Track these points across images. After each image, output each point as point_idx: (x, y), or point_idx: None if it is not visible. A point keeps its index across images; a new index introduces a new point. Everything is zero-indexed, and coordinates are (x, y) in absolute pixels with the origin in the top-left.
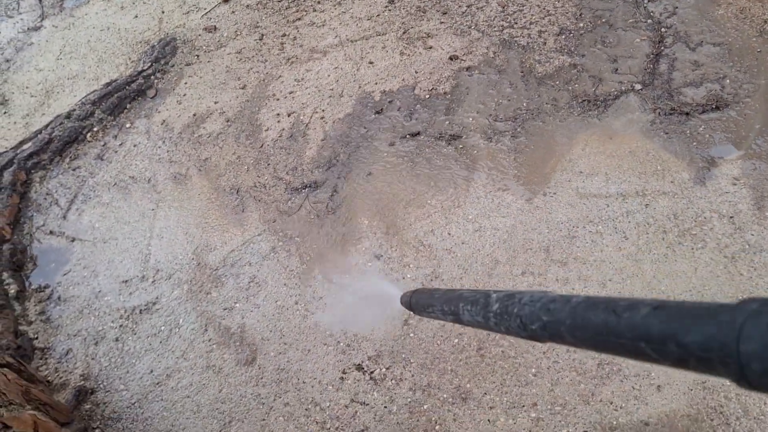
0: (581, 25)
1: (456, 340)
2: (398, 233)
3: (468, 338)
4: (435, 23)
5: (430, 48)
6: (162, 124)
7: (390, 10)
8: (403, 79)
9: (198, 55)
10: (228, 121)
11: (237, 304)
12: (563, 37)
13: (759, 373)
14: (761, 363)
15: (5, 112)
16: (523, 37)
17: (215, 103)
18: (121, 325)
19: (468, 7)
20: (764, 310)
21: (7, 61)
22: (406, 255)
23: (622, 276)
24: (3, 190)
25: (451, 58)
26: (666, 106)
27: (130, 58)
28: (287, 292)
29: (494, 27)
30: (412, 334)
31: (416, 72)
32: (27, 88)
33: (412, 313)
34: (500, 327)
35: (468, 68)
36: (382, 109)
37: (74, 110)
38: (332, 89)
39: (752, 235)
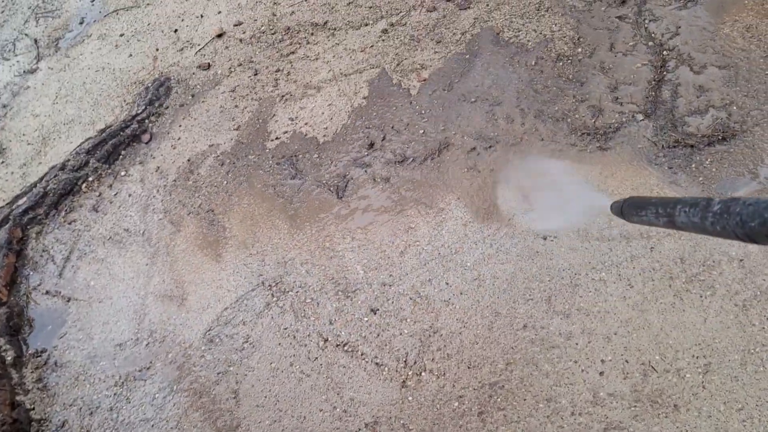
0: (579, 50)
1: (456, 404)
2: (393, 284)
3: (469, 401)
4: (429, 53)
5: (425, 80)
6: (157, 171)
7: (384, 41)
8: None
9: (193, 95)
10: (222, 165)
11: (231, 368)
12: (561, 64)
13: None
14: None
15: (3, 162)
16: (520, 65)
17: (210, 146)
18: (115, 393)
19: (462, 34)
20: None
21: (4, 106)
22: (403, 308)
23: (628, 329)
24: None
25: (444, 89)
26: (669, 137)
27: (125, 100)
28: (282, 352)
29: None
30: (410, 398)
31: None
32: (24, 135)
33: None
34: (716, 227)
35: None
36: (373, 144)
37: (68, 161)
38: (326, 128)
39: (764, 280)
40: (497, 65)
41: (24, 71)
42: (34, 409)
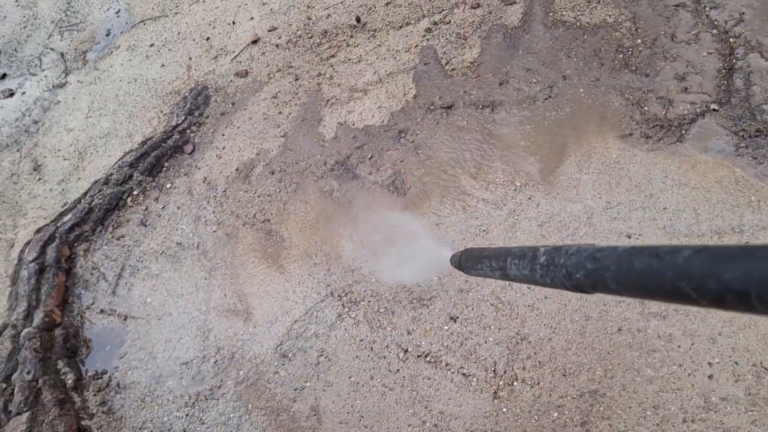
0: (639, 41)
1: (555, 414)
2: (471, 290)
3: (569, 411)
4: (477, 50)
5: (478, 77)
6: (204, 181)
7: (428, 39)
8: None
9: (233, 103)
10: (273, 173)
11: (308, 383)
12: (621, 56)
13: None
14: None
15: (40, 179)
16: (578, 58)
17: (257, 154)
18: (187, 414)
19: (512, 30)
20: None
21: (35, 122)
22: (485, 315)
23: (733, 328)
24: (48, 269)
25: (500, 84)
26: (750, 127)
27: (161, 111)
28: (360, 365)
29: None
30: (504, 409)
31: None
32: (59, 150)
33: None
34: (545, 279)
35: (525, 98)
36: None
37: (112, 175)
38: (378, 129)
39: None
40: (554, 59)
41: (53, 86)
42: None
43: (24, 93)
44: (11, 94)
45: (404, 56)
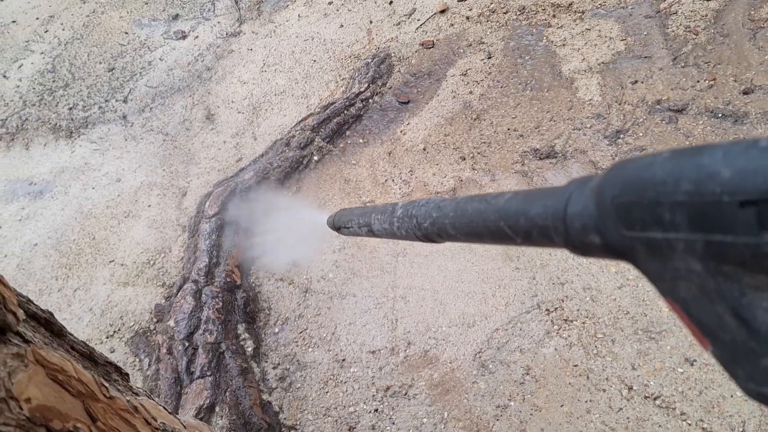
0: None
1: None
2: None
3: None
4: (712, 47)
5: (714, 80)
6: (388, 157)
7: (649, 29)
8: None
9: (416, 76)
10: (463, 159)
11: (512, 403)
12: None
13: (578, 230)
14: (580, 220)
15: (213, 129)
16: None
17: (445, 135)
18: (376, 410)
19: (759, 30)
20: (588, 180)
21: (208, 69)
22: None
23: None
24: (228, 226)
25: (744, 92)
26: None
27: (339, 75)
28: (574, 394)
29: None
30: None
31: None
32: (232, 102)
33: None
34: (401, 230)
35: None
36: None
37: (293, 136)
38: (593, 123)
39: None
40: None
41: (227, 33)
42: (282, 412)
43: (197, 37)
44: (184, 37)
45: (619, 44)
